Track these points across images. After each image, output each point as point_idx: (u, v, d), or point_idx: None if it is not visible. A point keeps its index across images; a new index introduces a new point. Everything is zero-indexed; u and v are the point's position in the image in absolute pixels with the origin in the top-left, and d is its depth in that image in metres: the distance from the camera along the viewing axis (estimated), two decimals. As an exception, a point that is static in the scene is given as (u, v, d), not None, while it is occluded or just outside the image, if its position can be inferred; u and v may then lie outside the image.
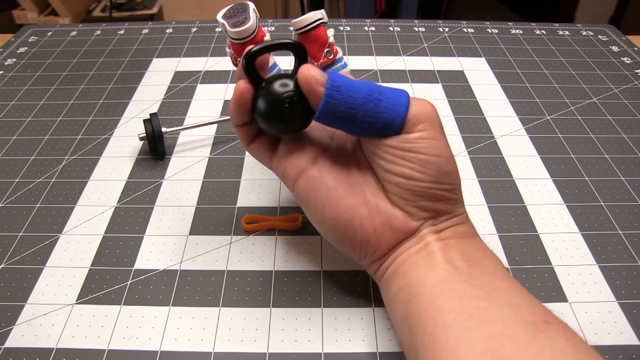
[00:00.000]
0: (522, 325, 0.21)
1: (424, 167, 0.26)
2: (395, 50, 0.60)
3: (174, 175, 0.42)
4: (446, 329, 0.22)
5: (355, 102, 0.26)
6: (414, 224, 0.27)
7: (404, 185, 0.26)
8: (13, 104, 0.51)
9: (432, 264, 0.26)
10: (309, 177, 0.28)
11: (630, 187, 0.40)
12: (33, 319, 0.31)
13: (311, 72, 0.26)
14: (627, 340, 0.30)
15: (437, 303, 0.24)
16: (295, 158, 0.29)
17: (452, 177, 0.26)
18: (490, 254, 0.27)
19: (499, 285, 0.24)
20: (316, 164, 0.28)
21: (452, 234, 0.27)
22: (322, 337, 0.30)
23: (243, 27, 0.31)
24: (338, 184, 0.28)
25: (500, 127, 0.47)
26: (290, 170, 0.29)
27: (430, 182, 0.26)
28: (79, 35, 0.64)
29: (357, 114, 0.26)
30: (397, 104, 0.26)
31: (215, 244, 0.36)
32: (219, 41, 0.62)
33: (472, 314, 0.22)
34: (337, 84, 0.26)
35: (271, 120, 0.28)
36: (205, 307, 0.31)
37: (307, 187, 0.28)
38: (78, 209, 0.38)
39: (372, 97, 0.26)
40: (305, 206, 0.29)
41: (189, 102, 0.51)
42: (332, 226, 0.28)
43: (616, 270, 0.34)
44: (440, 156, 0.26)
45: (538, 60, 0.58)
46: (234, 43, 0.33)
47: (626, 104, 0.50)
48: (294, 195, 0.30)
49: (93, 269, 0.34)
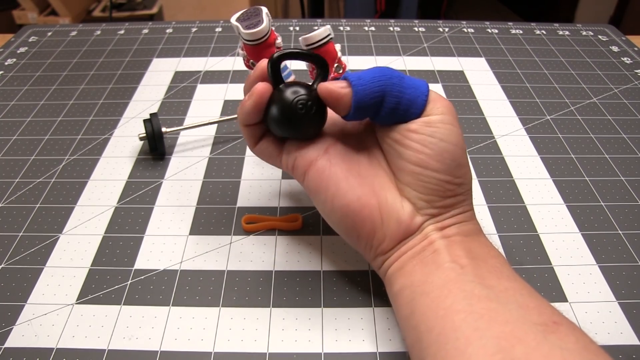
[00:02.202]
0: (531, 326, 0.21)
1: (441, 156, 0.26)
2: (395, 50, 0.60)
3: (174, 175, 0.42)
4: (455, 329, 0.22)
5: (380, 80, 0.27)
6: (419, 219, 0.27)
7: (419, 175, 0.27)
8: (13, 104, 0.51)
9: (438, 262, 0.26)
10: (319, 167, 0.28)
11: (630, 187, 0.40)
12: (33, 319, 0.31)
13: (330, 85, 0.27)
14: (627, 340, 0.30)
15: (445, 303, 0.24)
16: (306, 149, 0.29)
17: (464, 170, 0.27)
18: (495, 252, 0.27)
19: (506, 285, 0.24)
20: (327, 154, 0.29)
21: (457, 231, 0.27)
22: (322, 337, 0.30)
23: (256, 29, 0.32)
24: (348, 174, 0.28)
25: (500, 127, 0.47)
26: (301, 162, 0.29)
27: (445, 174, 0.26)
28: (79, 36, 0.64)
29: (384, 89, 0.27)
30: (417, 85, 0.28)
31: (215, 244, 0.36)
32: (218, 41, 0.62)
33: (481, 315, 0.22)
34: (356, 75, 0.27)
35: (283, 124, 0.28)
36: (205, 307, 0.31)
37: (318, 178, 0.28)
38: (78, 209, 0.38)
39: (395, 74, 0.27)
40: (315, 197, 0.29)
41: (189, 102, 0.51)
42: (341, 217, 0.28)
43: (616, 270, 0.34)
44: (458, 145, 0.27)
45: (538, 60, 0.58)
46: (247, 45, 0.34)
47: (626, 104, 0.50)
48: (303, 187, 0.30)
49: (93, 269, 0.34)
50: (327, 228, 0.36)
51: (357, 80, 0.27)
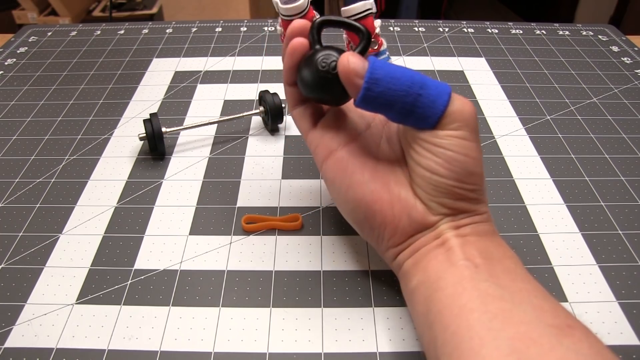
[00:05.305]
0: (545, 328, 0.21)
1: (450, 164, 0.26)
2: (395, 50, 0.60)
3: (174, 175, 0.42)
4: (469, 328, 0.22)
5: (394, 94, 0.26)
6: (433, 218, 0.27)
7: (429, 179, 0.27)
8: (13, 104, 0.51)
9: (452, 260, 0.26)
10: (338, 158, 0.29)
11: (630, 187, 0.40)
12: (33, 319, 0.31)
13: (350, 64, 0.26)
14: (627, 340, 0.30)
15: (460, 301, 0.23)
16: (328, 139, 0.30)
17: (476, 178, 0.27)
18: (510, 253, 0.27)
19: (520, 286, 0.24)
20: (347, 146, 0.29)
21: (471, 231, 0.27)
22: (322, 337, 0.30)
23: (294, 4, 0.33)
24: (364, 168, 0.28)
25: (500, 127, 0.47)
26: (322, 150, 0.30)
27: (454, 180, 0.26)
28: (79, 35, 0.64)
29: (394, 104, 0.26)
30: (436, 102, 0.26)
31: (215, 244, 0.36)
32: (218, 41, 0.62)
33: (495, 315, 0.22)
34: (376, 76, 0.26)
35: (306, 83, 0.28)
36: (205, 307, 0.31)
37: (335, 168, 0.29)
38: (78, 209, 0.38)
39: (413, 91, 0.26)
40: (330, 186, 0.30)
41: (189, 102, 0.51)
42: (354, 208, 0.29)
43: (616, 270, 0.34)
44: (468, 156, 0.26)
45: (538, 60, 0.58)
46: (284, 20, 0.34)
47: (626, 104, 0.50)
48: (321, 174, 0.31)
49: (93, 269, 0.34)
50: (327, 228, 0.36)
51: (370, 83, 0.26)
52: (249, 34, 0.64)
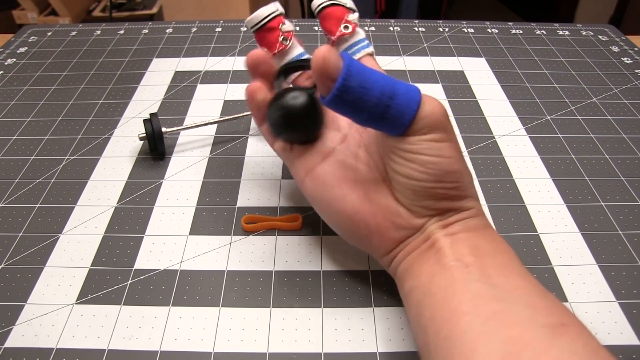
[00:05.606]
0: (539, 328, 0.21)
1: (425, 167, 0.26)
2: (395, 50, 0.60)
3: (174, 175, 0.42)
4: (461, 333, 0.22)
5: (363, 104, 0.25)
6: (419, 221, 0.27)
7: (407, 184, 0.26)
8: (13, 104, 0.51)
9: (442, 262, 0.25)
10: (315, 175, 0.29)
11: (630, 187, 0.40)
12: (33, 319, 0.31)
13: (325, 62, 0.24)
14: (627, 340, 0.30)
15: (451, 305, 0.23)
16: (304, 159, 0.30)
17: (455, 175, 0.26)
18: (504, 246, 0.26)
19: (514, 283, 0.24)
20: (324, 162, 0.30)
21: (461, 227, 0.27)
22: (322, 337, 0.30)
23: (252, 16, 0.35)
24: (343, 181, 0.29)
25: (500, 127, 0.47)
26: (300, 169, 0.31)
27: (432, 182, 0.26)
28: (79, 35, 0.64)
29: (363, 112, 0.25)
30: (404, 113, 0.25)
31: (215, 244, 0.36)
32: (218, 41, 0.62)
33: (487, 317, 0.22)
34: (349, 84, 0.24)
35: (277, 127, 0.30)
36: (205, 307, 0.31)
37: (314, 185, 0.30)
38: (78, 209, 0.38)
39: (382, 103, 0.25)
40: (312, 202, 0.31)
41: (189, 102, 0.51)
42: (337, 221, 0.29)
43: (616, 270, 0.34)
44: (442, 156, 0.26)
45: (538, 60, 0.58)
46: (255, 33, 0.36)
47: (626, 104, 0.50)
48: (302, 192, 0.31)
49: (93, 269, 0.34)
50: (327, 228, 0.36)
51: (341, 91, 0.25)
52: (249, 34, 0.64)
